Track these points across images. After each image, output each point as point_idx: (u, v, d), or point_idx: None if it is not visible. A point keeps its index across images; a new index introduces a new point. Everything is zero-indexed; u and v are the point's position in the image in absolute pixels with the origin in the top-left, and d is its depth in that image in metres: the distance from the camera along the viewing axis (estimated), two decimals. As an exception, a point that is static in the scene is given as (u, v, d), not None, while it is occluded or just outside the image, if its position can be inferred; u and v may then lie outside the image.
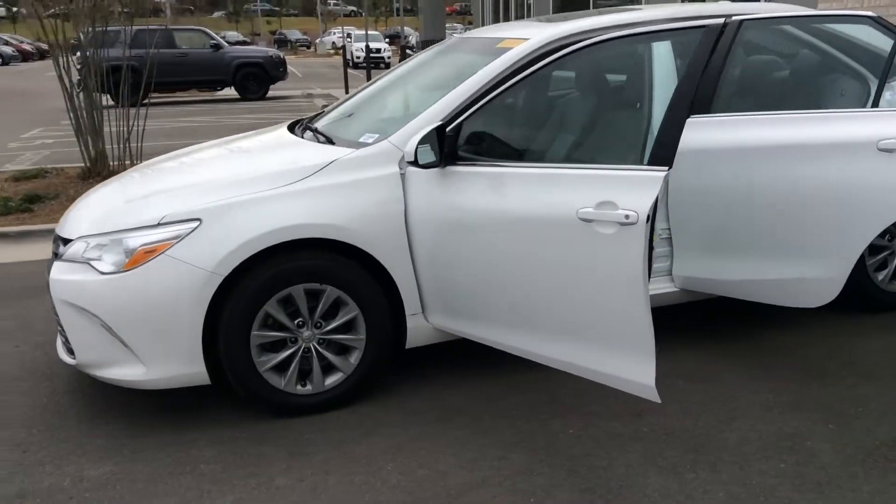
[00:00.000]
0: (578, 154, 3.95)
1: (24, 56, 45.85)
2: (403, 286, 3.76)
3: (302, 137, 4.40)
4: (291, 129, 4.70)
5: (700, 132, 4.03)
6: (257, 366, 3.63)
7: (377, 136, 3.91)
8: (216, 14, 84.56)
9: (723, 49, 4.05)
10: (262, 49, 23.88)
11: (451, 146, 3.62)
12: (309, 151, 4.01)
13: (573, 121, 4.15)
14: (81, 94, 8.71)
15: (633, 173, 3.06)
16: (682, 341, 4.37)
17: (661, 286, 4.21)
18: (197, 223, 3.51)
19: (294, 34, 64.49)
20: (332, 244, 3.64)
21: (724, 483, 3.08)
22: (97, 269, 3.54)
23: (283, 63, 21.67)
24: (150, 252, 3.48)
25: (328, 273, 3.64)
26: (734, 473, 3.14)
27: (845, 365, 4.03)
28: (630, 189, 3.03)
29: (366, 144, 3.87)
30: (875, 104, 3.83)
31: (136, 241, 3.52)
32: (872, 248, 4.51)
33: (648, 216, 2.94)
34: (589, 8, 16.59)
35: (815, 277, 3.86)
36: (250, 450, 3.47)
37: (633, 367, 3.13)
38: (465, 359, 4.21)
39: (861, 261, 4.46)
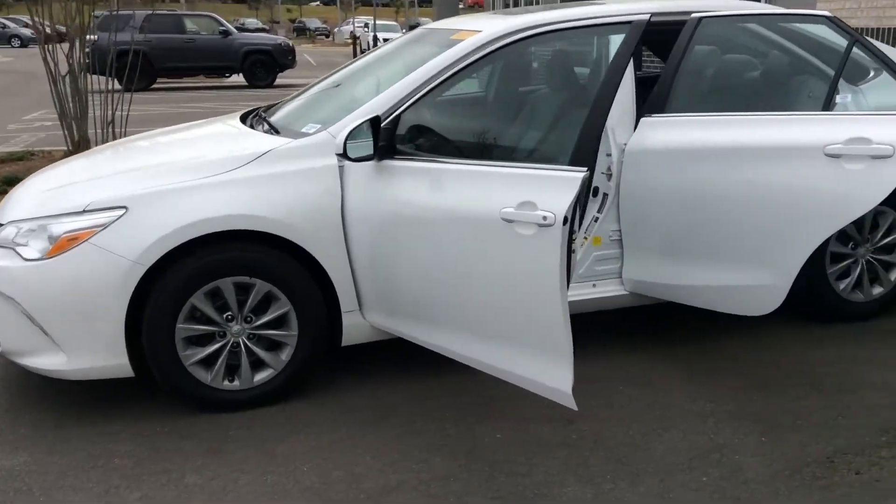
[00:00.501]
0: (522, 151, 3.85)
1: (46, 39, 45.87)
2: (339, 282, 3.67)
3: (252, 127, 4.32)
4: (245, 117, 4.62)
5: (652, 132, 3.93)
6: (182, 359, 3.55)
7: (318, 126, 3.82)
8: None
9: (680, 47, 3.94)
10: (271, 36, 23.84)
11: (388, 139, 3.54)
12: (249, 141, 3.93)
13: (518, 116, 4.04)
14: (67, 79, 8.66)
15: (553, 173, 2.96)
16: (628, 345, 4.26)
17: (611, 289, 4.12)
18: (122, 211, 3.44)
19: (314, 22, 64.48)
20: (264, 236, 3.56)
21: (640, 494, 2.98)
22: (21, 256, 3.48)
23: (291, 51, 21.61)
24: (73, 239, 3.41)
25: (258, 266, 3.56)
26: (653, 485, 3.04)
27: (793, 375, 3.91)
28: (549, 190, 2.93)
29: (307, 135, 3.78)
30: (826, 107, 3.69)
31: (61, 227, 3.45)
32: (834, 256, 4.38)
33: (566, 218, 2.84)
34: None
35: (760, 284, 3.74)
36: (169, 445, 3.40)
37: (551, 372, 3.03)
38: (408, 357, 4.11)
39: (821, 269, 4.33)
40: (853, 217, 3.50)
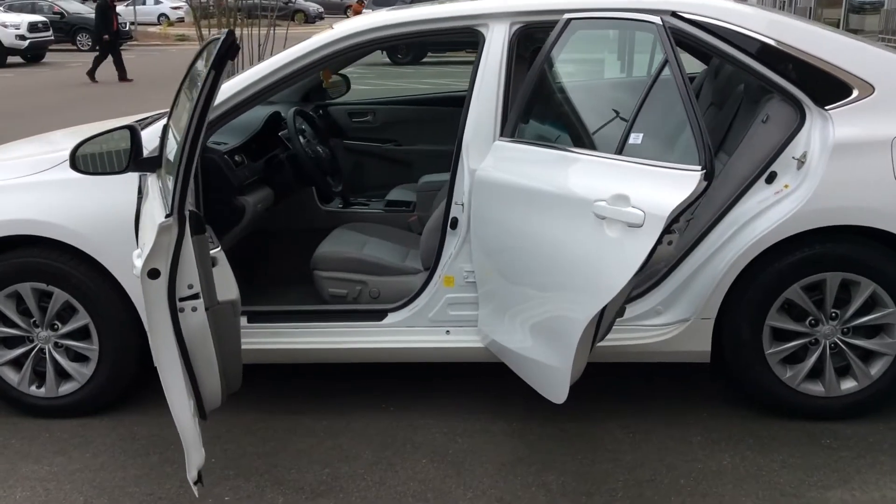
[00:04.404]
0: None
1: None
2: (137, 298, 3.44)
3: None
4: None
5: (494, 159, 3.25)
6: (-11, 360, 3.55)
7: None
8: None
9: (539, 58, 3.19)
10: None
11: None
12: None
13: None
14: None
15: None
16: (474, 409, 3.56)
17: (467, 339, 3.45)
18: None
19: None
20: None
21: None
22: None
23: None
24: None
25: (58, 275, 3.44)
26: None
27: (641, 486, 3.00)
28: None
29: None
30: (620, 149, 2.71)
31: None
32: (777, 333, 3.30)
33: (155, 270, 2.37)
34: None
35: (547, 363, 2.89)
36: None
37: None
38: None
39: (758, 348, 3.30)
40: (612, 294, 2.54)
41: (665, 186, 2.44)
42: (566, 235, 2.71)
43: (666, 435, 3.32)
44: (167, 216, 2.39)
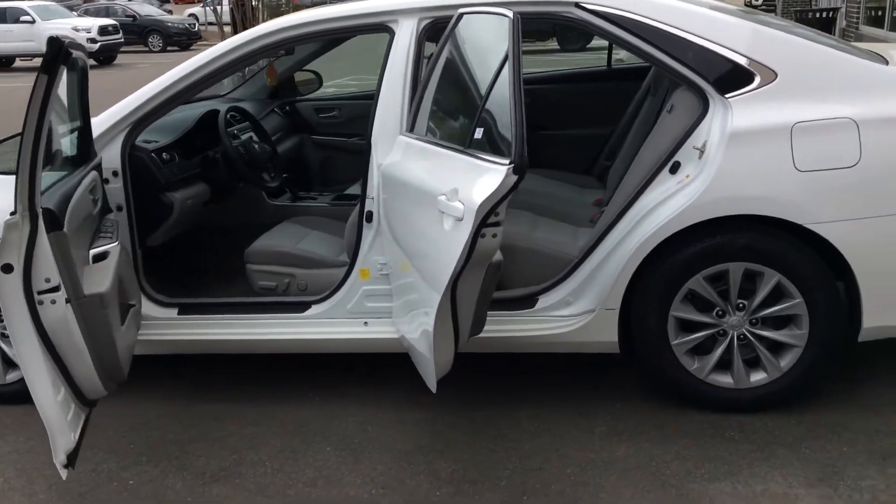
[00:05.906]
0: None
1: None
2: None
3: None
4: None
5: (396, 153, 3.30)
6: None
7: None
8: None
9: (438, 50, 3.22)
10: None
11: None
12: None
13: None
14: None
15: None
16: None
17: (385, 330, 3.51)
18: None
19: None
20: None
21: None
22: None
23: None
24: None
25: None
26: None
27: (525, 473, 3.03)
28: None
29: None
30: (469, 143, 2.71)
31: None
32: (684, 324, 3.27)
33: (6, 265, 2.51)
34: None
35: (424, 354, 2.94)
36: None
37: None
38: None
39: (662, 338, 3.27)
40: (442, 287, 2.58)
41: (486, 181, 2.47)
42: (427, 229, 2.77)
43: (571, 424, 3.32)
44: (12, 213, 2.52)
